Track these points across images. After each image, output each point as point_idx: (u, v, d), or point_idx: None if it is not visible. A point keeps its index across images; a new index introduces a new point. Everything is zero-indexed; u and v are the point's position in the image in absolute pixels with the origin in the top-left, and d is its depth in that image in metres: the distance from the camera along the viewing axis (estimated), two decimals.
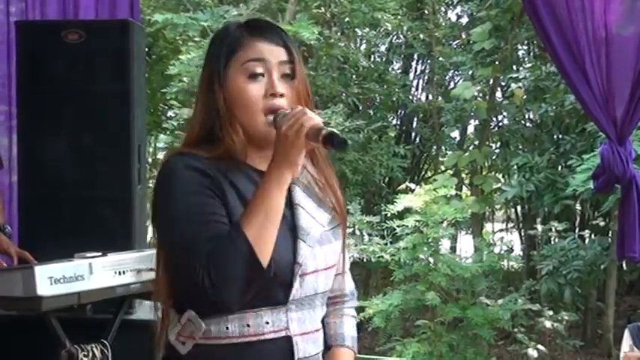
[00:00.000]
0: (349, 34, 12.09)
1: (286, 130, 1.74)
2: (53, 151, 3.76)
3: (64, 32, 3.72)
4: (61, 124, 3.73)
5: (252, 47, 1.84)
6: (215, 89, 1.84)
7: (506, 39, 10.47)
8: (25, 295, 2.90)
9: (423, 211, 9.13)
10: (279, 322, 1.80)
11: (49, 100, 3.76)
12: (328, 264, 1.92)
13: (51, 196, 3.76)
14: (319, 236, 1.90)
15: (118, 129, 3.69)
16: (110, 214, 3.71)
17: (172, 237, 1.77)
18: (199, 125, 1.86)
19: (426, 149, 12.96)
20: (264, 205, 1.73)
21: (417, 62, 13.55)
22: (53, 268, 2.96)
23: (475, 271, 9.34)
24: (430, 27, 11.62)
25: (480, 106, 10.73)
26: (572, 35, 3.57)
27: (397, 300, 9.23)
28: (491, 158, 11.49)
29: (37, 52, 3.77)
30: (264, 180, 1.76)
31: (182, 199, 1.76)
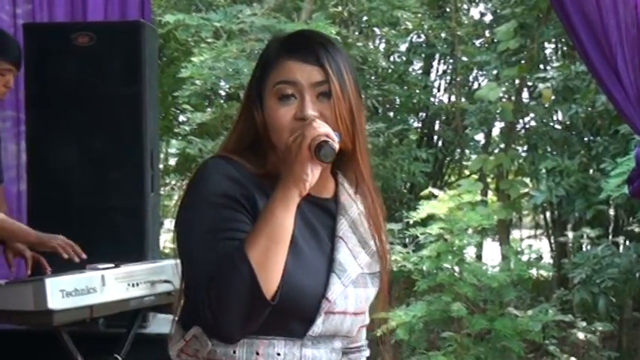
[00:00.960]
0: (367, 33, 12.09)
1: (290, 142, 1.72)
2: (63, 157, 3.78)
3: (74, 35, 3.74)
4: (70, 130, 3.75)
5: (283, 68, 1.82)
6: (253, 110, 1.84)
7: (533, 37, 10.44)
8: (36, 309, 2.92)
9: (447, 218, 9.11)
10: (291, 356, 1.76)
11: (59, 105, 3.78)
12: (358, 309, 1.89)
13: (61, 204, 3.78)
14: (355, 277, 1.86)
15: (130, 134, 3.70)
16: (122, 224, 3.72)
17: (184, 248, 1.76)
18: (238, 138, 1.86)
19: (450, 153, 12.92)
20: (269, 225, 1.69)
21: (438, 62, 13.52)
22: (64, 281, 2.98)
23: (503, 281, 9.31)
24: (452, 25, 11.59)
25: (506, 108, 10.69)
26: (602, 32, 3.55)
27: (421, 311, 9.21)
28: (518, 162, 11.44)
29: (46, 56, 3.79)
30: (270, 199, 1.73)
31: (204, 209, 1.74)
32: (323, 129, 1.72)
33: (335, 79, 1.82)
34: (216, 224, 1.72)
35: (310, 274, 1.78)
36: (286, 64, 1.82)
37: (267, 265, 1.66)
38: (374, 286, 1.92)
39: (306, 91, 1.81)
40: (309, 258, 1.80)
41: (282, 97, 1.80)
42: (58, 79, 3.77)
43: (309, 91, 1.81)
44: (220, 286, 1.64)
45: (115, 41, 3.76)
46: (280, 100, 1.81)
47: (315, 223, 1.85)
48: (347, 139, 1.82)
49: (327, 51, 1.85)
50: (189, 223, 1.76)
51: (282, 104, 1.81)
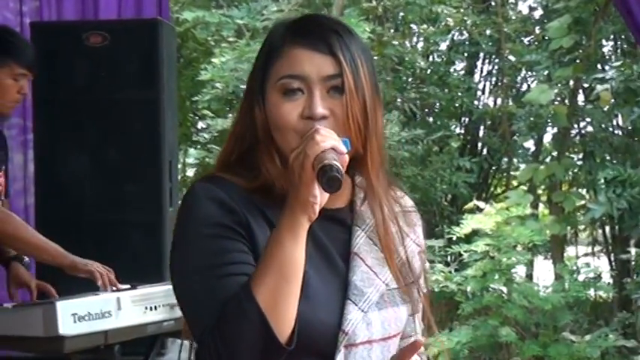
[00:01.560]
0: (404, 30, 12.09)
1: (292, 160, 1.61)
2: (73, 169, 3.79)
3: (85, 34, 3.76)
4: (82, 138, 3.77)
5: (289, 57, 1.72)
6: (254, 106, 1.75)
7: (589, 34, 10.39)
8: (46, 335, 2.93)
9: (493, 234, 9.09)
10: None
11: (69, 111, 3.79)
12: (387, 333, 1.78)
13: (72, 220, 3.80)
14: (378, 297, 1.76)
15: (147, 143, 3.71)
16: (139, 241, 3.73)
17: (181, 291, 1.71)
18: (234, 144, 1.78)
19: (496, 162, 12.88)
20: (277, 259, 1.59)
21: (483, 62, 13.50)
22: (76, 304, 2.99)
23: (557, 303, 9.27)
24: (498, 21, 11.56)
25: (559, 112, 10.64)
26: None
27: (466, 336, 9.19)
28: (573, 171, 11.39)
29: (55, 57, 3.81)
30: (275, 228, 1.63)
31: (198, 244, 1.67)
32: (328, 142, 1.59)
33: (349, 72, 1.72)
34: (212, 259, 1.64)
35: (322, 304, 1.69)
36: (293, 53, 1.72)
37: (279, 305, 1.58)
38: (406, 302, 1.81)
39: (316, 85, 1.71)
40: (320, 285, 1.71)
41: (287, 92, 1.71)
42: (68, 82, 3.79)
43: (319, 85, 1.71)
44: (227, 333, 1.58)
45: (130, 41, 3.77)
46: (285, 95, 1.71)
47: (325, 240, 1.75)
48: (358, 143, 1.73)
49: (341, 38, 1.75)
50: (183, 261, 1.71)
51: (286, 100, 1.70)
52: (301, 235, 1.60)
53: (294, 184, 1.59)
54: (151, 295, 3.25)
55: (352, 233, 1.78)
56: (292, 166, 1.60)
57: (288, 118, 1.70)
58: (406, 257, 1.83)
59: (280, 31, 1.78)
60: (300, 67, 1.71)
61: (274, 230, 1.63)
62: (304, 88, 1.71)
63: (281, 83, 1.71)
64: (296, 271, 1.60)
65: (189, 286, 1.67)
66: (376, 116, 1.79)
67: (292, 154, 1.61)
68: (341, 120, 1.71)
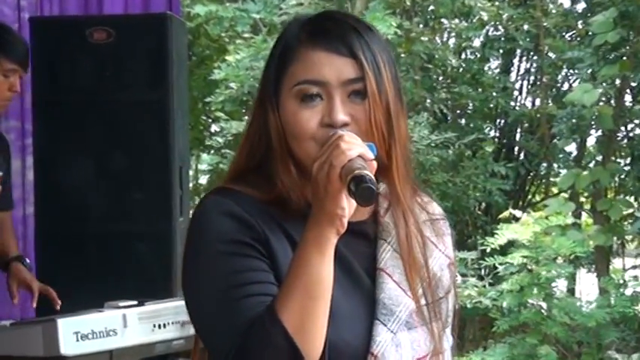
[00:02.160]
0: (434, 25, 12.09)
1: (316, 171, 1.58)
2: (76, 175, 3.80)
3: (89, 30, 3.77)
4: (85, 143, 3.78)
5: (306, 60, 1.70)
6: (268, 111, 1.72)
7: (637, 29, 10.36)
8: (47, 355, 2.94)
9: (531, 245, 9.07)
10: None
11: (71, 114, 3.80)
12: (417, 355, 1.75)
13: (74, 231, 3.81)
14: (408, 316, 1.74)
15: (156, 148, 3.72)
16: (147, 253, 3.74)
17: (199, 316, 1.69)
18: (248, 151, 1.76)
19: (534, 167, 12.87)
20: (303, 278, 1.57)
21: (520, 60, 13.50)
22: (79, 321, 3.00)
23: (601, 319, 9.24)
24: (537, 15, 11.56)
25: (604, 113, 10.61)
26: None
27: (502, 356, 9.18)
28: (619, 177, 11.37)
29: (56, 55, 3.82)
30: (300, 244, 1.61)
31: (215, 263, 1.65)
32: (354, 150, 1.57)
33: (371, 75, 1.70)
34: (230, 279, 1.62)
35: (347, 325, 1.67)
36: (310, 55, 1.70)
37: (307, 328, 1.56)
38: (439, 318, 1.78)
39: (336, 90, 1.69)
40: (344, 304, 1.69)
41: (305, 98, 1.68)
42: (71, 82, 3.80)
43: (339, 90, 1.69)
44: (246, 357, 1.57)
45: (137, 38, 3.77)
46: (303, 101, 1.68)
47: (348, 256, 1.73)
48: (381, 150, 1.70)
49: (362, 37, 1.73)
50: (197, 283, 1.68)
51: (304, 106, 1.68)
52: (329, 250, 1.59)
53: (320, 197, 1.58)
54: (160, 312, 3.26)
55: (377, 247, 1.76)
56: (317, 178, 1.57)
57: (307, 126, 1.68)
58: (434, 271, 1.80)
59: (295, 29, 1.76)
60: (319, 72, 1.69)
61: (299, 246, 1.61)
62: (323, 94, 1.69)
63: (298, 89, 1.69)
64: (324, 290, 1.58)
65: (206, 309, 1.66)
66: (400, 121, 1.76)
67: (315, 164, 1.59)
68: (363, 126, 1.70)
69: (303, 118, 1.68)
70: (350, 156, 1.56)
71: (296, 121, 1.68)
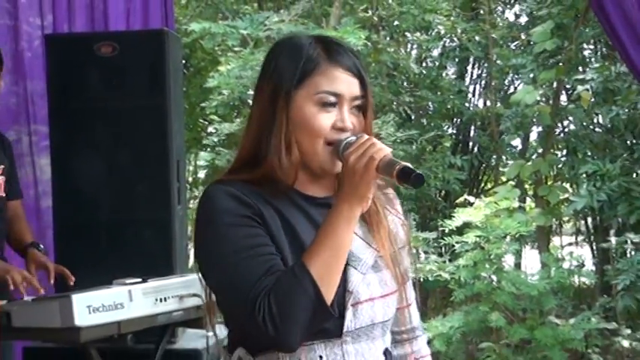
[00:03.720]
0: (398, 38, 12.06)
1: (354, 162, 1.73)
2: (88, 172, 3.78)
3: (96, 45, 3.74)
4: (95, 143, 3.76)
5: (328, 75, 1.84)
6: (278, 105, 1.82)
7: (571, 38, 10.36)
8: (63, 326, 2.92)
9: (483, 226, 9.07)
10: (334, 356, 1.77)
11: (82, 118, 3.78)
12: (385, 291, 1.90)
13: (87, 219, 3.79)
14: (373, 261, 1.88)
15: (156, 146, 3.70)
16: (149, 237, 3.72)
17: (222, 275, 1.75)
18: (251, 142, 1.85)
19: (485, 159, 12.87)
20: (332, 242, 1.72)
21: (472, 66, 13.49)
22: (91, 297, 2.99)
23: (543, 289, 9.24)
24: (486, 28, 11.54)
25: (544, 112, 10.62)
26: None
27: (458, 322, 9.17)
28: (557, 167, 11.38)
29: (68, 67, 3.80)
30: (331, 215, 1.75)
31: (227, 233, 1.74)
32: (387, 149, 1.75)
33: (369, 95, 1.90)
34: (242, 243, 1.73)
35: None
36: (332, 72, 1.84)
37: (328, 278, 1.70)
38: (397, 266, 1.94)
39: (346, 102, 1.85)
40: None
41: (325, 105, 1.83)
42: (81, 90, 3.77)
43: (348, 102, 1.85)
44: (283, 300, 1.66)
45: (138, 51, 3.75)
46: (322, 106, 1.83)
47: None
48: None
49: (361, 62, 1.91)
50: (216, 248, 1.76)
51: (322, 110, 1.83)
52: (354, 223, 1.75)
53: (355, 182, 1.72)
54: (161, 288, 3.25)
55: None
56: (354, 168, 1.72)
57: (323, 127, 1.82)
58: (391, 228, 1.95)
59: (311, 46, 1.86)
60: (338, 86, 1.84)
61: (330, 217, 1.75)
62: (337, 104, 1.84)
63: (319, 97, 1.82)
64: (345, 252, 1.74)
65: (226, 269, 1.73)
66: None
67: (351, 157, 1.73)
68: (357, 132, 1.86)
69: (321, 120, 1.82)
70: (386, 152, 1.74)
71: (315, 120, 1.82)
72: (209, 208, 1.79)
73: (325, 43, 1.89)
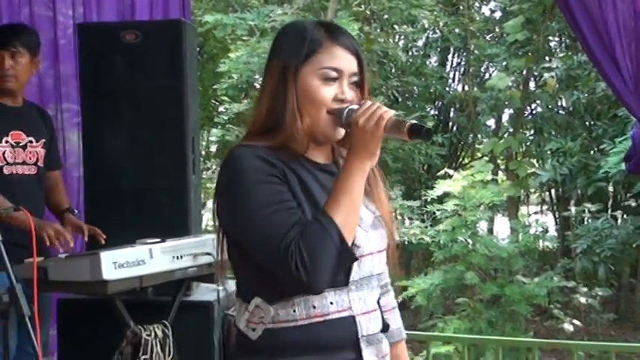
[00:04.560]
0: (388, 30, 12.02)
1: (365, 122, 1.73)
2: (113, 145, 3.76)
3: (122, 33, 3.72)
4: (120, 120, 3.74)
5: (331, 53, 1.83)
6: (288, 80, 1.81)
7: (539, 31, 10.35)
8: (92, 280, 2.92)
9: (461, 196, 9.09)
10: (342, 302, 1.78)
11: (109, 97, 3.76)
12: (381, 247, 1.92)
13: (113, 187, 3.77)
14: (372, 221, 1.89)
15: (173, 123, 3.68)
16: (167, 203, 3.71)
17: (253, 228, 1.73)
18: (266, 113, 1.83)
19: (463, 137, 12.87)
20: (349, 193, 1.73)
21: (453, 55, 13.46)
22: (117, 254, 2.99)
23: (512, 252, 9.29)
24: (465, 21, 11.51)
25: (514, 96, 10.63)
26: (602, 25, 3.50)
27: (438, 279, 9.21)
28: (525, 144, 11.38)
29: (97, 53, 3.77)
30: (347, 170, 1.75)
31: (256, 189, 1.73)
32: (391, 110, 1.77)
33: (366, 71, 1.88)
34: (273, 198, 1.73)
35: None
36: (334, 49, 1.84)
37: (349, 225, 1.72)
38: (384, 226, 1.95)
39: (346, 77, 1.83)
40: None
41: (327, 79, 1.82)
42: (108, 73, 3.75)
43: (347, 78, 1.84)
44: (311, 248, 1.66)
45: (159, 38, 3.72)
46: (325, 80, 1.82)
47: (327, 186, 1.84)
48: None
49: (358, 44, 1.90)
50: (247, 203, 1.74)
51: (325, 84, 1.82)
52: (365, 177, 1.76)
53: (366, 140, 1.73)
54: (178, 247, 3.24)
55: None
56: (365, 127, 1.72)
57: (326, 98, 1.81)
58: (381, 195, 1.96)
59: (315, 28, 1.86)
60: (339, 62, 1.83)
61: (344, 172, 1.75)
62: (337, 78, 1.82)
63: (323, 72, 1.81)
64: (360, 202, 1.76)
65: (259, 219, 1.71)
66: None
67: (361, 119, 1.73)
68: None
69: (324, 92, 1.81)
70: (391, 113, 1.74)
71: (319, 93, 1.81)
72: (237, 167, 1.76)
73: (327, 26, 1.89)
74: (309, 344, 1.75)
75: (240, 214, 1.75)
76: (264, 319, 1.76)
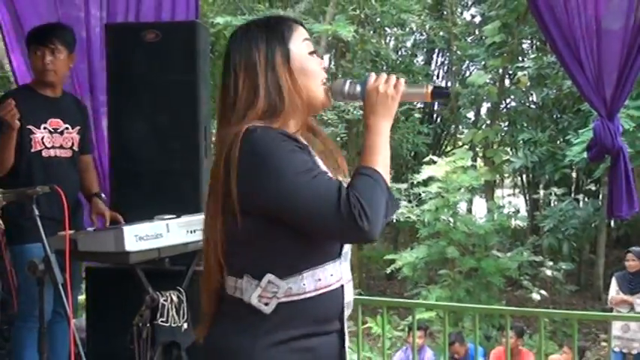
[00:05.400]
0: (380, 32, 12.00)
1: (385, 88, 1.68)
2: (135, 131, 3.74)
3: (143, 32, 3.70)
4: (141, 109, 3.72)
5: (300, 30, 1.74)
6: (278, 67, 1.69)
7: (513, 34, 10.34)
8: (117, 251, 2.91)
9: (443, 180, 9.11)
10: (337, 274, 1.70)
11: (131, 89, 3.74)
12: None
13: (135, 169, 3.76)
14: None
15: (188, 112, 3.66)
16: (182, 183, 3.69)
17: (302, 192, 1.58)
18: (264, 102, 1.67)
19: (446, 128, 12.89)
20: (383, 149, 1.66)
21: (437, 55, 13.45)
22: (138, 228, 2.98)
23: (488, 229, 9.31)
24: (449, 25, 11.50)
25: (492, 91, 10.63)
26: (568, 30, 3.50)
27: (422, 253, 9.24)
28: (501, 135, 11.41)
29: (122, 50, 3.75)
30: (374, 131, 1.68)
31: (293, 157, 1.60)
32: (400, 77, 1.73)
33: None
34: (309, 164, 1.61)
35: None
36: (299, 28, 1.74)
37: (387, 178, 1.64)
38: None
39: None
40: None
41: (311, 52, 1.73)
42: (131, 67, 3.73)
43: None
44: (369, 199, 1.57)
45: (176, 37, 3.70)
46: (310, 54, 1.72)
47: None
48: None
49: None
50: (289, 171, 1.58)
51: (312, 57, 1.72)
52: (388, 133, 1.69)
53: (387, 104, 1.68)
54: (191, 222, 3.23)
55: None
56: (386, 92, 1.67)
57: (318, 69, 1.72)
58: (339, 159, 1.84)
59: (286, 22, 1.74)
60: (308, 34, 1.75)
61: (373, 133, 1.68)
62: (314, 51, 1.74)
63: (306, 43, 1.72)
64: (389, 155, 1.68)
65: (308, 183, 1.58)
66: None
67: (380, 86, 1.67)
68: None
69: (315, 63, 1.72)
70: (403, 80, 1.70)
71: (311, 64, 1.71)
72: (264, 143, 1.59)
73: (280, 17, 1.80)
74: (316, 314, 1.68)
75: (283, 185, 1.58)
76: (277, 294, 1.65)
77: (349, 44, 10.39)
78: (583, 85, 3.57)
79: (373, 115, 1.70)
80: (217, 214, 1.64)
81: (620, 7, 3.50)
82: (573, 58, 3.52)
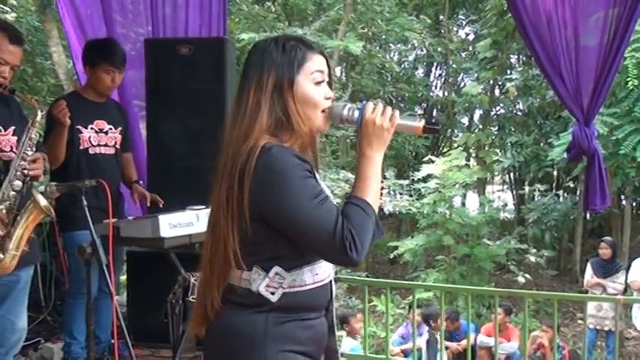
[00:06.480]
0: (385, 47, 11.97)
1: (382, 121, 1.61)
2: (170, 133, 3.76)
3: (178, 47, 3.71)
4: (175, 114, 3.73)
5: (313, 59, 1.65)
6: (284, 91, 1.62)
7: (503, 50, 10.29)
8: (153, 237, 2.91)
9: (441, 177, 9.07)
10: (329, 270, 1.69)
11: (167, 96, 3.75)
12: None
13: (169, 166, 3.77)
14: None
15: (216, 117, 3.66)
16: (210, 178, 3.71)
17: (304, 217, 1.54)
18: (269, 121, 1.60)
19: (443, 132, 12.81)
20: (375, 179, 1.60)
21: (436, 68, 13.41)
22: (172, 217, 2.98)
23: (480, 221, 9.28)
24: (446, 42, 11.45)
25: (483, 100, 10.58)
26: (551, 46, 3.48)
27: (422, 241, 9.21)
28: (491, 138, 11.35)
29: (159, 62, 3.76)
30: (367, 160, 1.61)
31: (303, 184, 1.55)
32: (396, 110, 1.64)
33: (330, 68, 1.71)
34: (316, 191, 1.55)
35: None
36: (314, 56, 1.65)
37: (376, 206, 1.60)
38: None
39: (325, 77, 1.66)
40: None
41: (318, 83, 1.64)
42: (167, 77, 3.74)
43: (325, 78, 1.66)
44: (359, 232, 1.53)
45: (206, 51, 3.71)
46: (317, 84, 1.63)
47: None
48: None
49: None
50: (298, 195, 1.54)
51: (317, 87, 1.63)
52: (381, 161, 1.62)
53: (382, 136, 1.61)
54: None
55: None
56: (382, 125, 1.61)
57: (321, 99, 1.64)
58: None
59: (293, 44, 1.65)
60: (322, 66, 1.65)
61: (367, 163, 1.61)
62: (322, 81, 1.64)
63: (314, 76, 1.63)
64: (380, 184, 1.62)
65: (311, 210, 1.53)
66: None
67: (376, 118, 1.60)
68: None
69: (318, 94, 1.63)
70: (396, 112, 1.63)
71: (315, 95, 1.63)
72: (281, 164, 1.54)
73: (300, 39, 1.69)
74: (312, 304, 1.67)
75: (291, 207, 1.55)
76: (283, 284, 1.63)
77: (358, 58, 10.37)
78: (563, 95, 3.54)
79: (369, 146, 1.63)
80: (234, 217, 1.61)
81: (596, 26, 3.48)
82: (555, 72, 3.50)
